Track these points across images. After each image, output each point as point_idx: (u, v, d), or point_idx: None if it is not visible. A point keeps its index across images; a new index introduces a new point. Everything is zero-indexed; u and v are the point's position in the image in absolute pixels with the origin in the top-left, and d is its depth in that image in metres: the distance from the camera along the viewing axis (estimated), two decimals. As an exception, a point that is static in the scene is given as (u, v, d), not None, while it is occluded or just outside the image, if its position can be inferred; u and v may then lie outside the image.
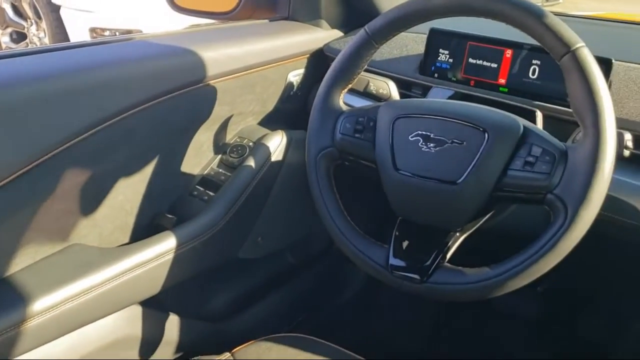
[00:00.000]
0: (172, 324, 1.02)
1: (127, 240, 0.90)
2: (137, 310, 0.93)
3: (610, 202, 0.67)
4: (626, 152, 0.71)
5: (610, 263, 0.96)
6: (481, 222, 0.76)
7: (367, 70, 0.89)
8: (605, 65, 0.79)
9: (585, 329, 1.32)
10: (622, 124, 0.75)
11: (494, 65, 0.89)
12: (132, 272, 0.83)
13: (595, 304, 1.33)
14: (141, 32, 2.98)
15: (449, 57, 0.94)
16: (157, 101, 0.82)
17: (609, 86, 0.81)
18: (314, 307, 1.39)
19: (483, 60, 0.90)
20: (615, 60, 0.82)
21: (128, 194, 0.88)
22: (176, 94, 0.85)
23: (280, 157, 1.03)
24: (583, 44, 0.63)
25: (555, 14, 0.66)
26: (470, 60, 0.91)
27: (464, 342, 1.42)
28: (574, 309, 1.35)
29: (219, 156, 1.02)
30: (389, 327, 1.48)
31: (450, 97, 0.92)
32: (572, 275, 1.09)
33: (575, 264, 0.71)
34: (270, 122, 1.09)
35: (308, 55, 1.10)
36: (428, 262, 0.72)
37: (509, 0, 0.66)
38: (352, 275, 1.46)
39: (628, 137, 0.71)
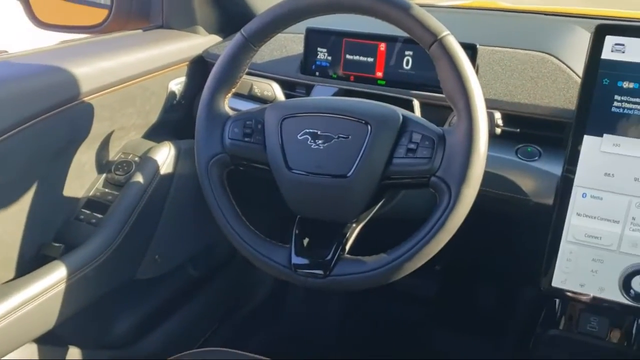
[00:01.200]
0: (74, 358, 0.96)
1: (12, 275, 0.84)
2: (32, 348, 0.87)
3: (489, 177, 0.73)
4: (497, 130, 0.77)
5: (497, 235, 1.03)
6: (375, 211, 0.79)
7: (249, 73, 0.89)
8: (471, 50, 0.85)
9: (482, 300, 1.42)
10: (491, 104, 0.81)
11: (370, 59, 0.93)
12: (21, 309, 0.77)
13: (489, 277, 1.42)
14: (6, 52, 2.78)
15: (328, 55, 0.96)
16: (29, 124, 0.77)
17: (476, 70, 0.87)
18: (224, 318, 1.37)
19: (360, 56, 0.93)
20: (480, 45, 0.88)
21: (8, 226, 0.82)
22: (49, 115, 0.80)
23: (170, 170, 1.00)
24: (448, 32, 0.67)
25: (426, 6, 0.70)
26: (348, 56, 0.94)
27: (373, 326, 1.47)
28: (471, 283, 1.44)
29: (104, 175, 0.98)
30: (301, 325, 1.49)
31: (334, 94, 0.94)
32: (466, 251, 1.15)
33: (467, 240, 0.75)
34: (156, 134, 1.06)
35: (188, 63, 1.08)
36: (329, 256, 0.73)
37: None
38: (260, 280, 1.46)
39: (498, 115, 0.76)
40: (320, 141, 0.73)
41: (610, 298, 0.76)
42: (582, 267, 0.76)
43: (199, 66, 1.09)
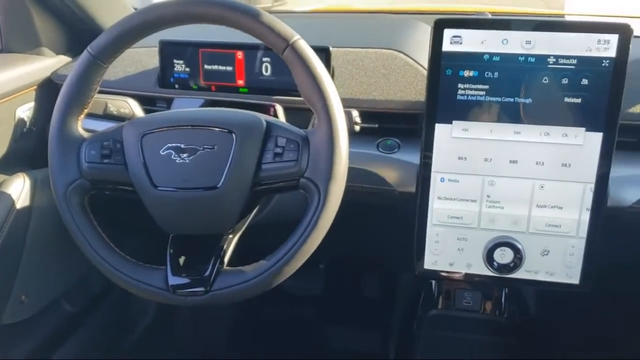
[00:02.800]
0: None
1: None
2: None
3: (354, 173, 0.75)
4: (357, 127, 0.80)
5: (371, 227, 1.07)
6: (250, 219, 0.79)
7: (103, 92, 0.85)
8: (324, 53, 0.87)
9: (366, 292, 1.47)
10: (349, 103, 0.84)
11: (229, 68, 0.92)
12: None
13: (370, 268, 1.48)
14: None
15: (186, 67, 0.94)
16: None
17: (332, 71, 0.90)
18: (108, 353, 1.29)
19: (218, 65, 0.93)
20: (334, 47, 0.91)
21: None
22: None
23: (26, 203, 0.93)
24: (299, 36, 0.69)
25: (279, 12, 0.71)
26: (207, 66, 0.93)
27: (266, 333, 1.46)
28: (354, 276, 1.48)
29: (-50, 217, 0.88)
30: (193, 347, 1.45)
31: (201, 106, 0.93)
32: (345, 246, 1.19)
33: (343, 235, 0.77)
34: (8, 165, 0.98)
35: (36, 87, 1.01)
36: (208, 272, 0.72)
37: (225, 5, 0.69)
38: (143, 307, 1.39)
39: (355, 114, 0.79)
40: (185, 155, 0.72)
41: (477, 272, 0.82)
42: (450, 247, 0.81)
43: (48, 89, 1.02)
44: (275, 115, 0.88)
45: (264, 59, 0.91)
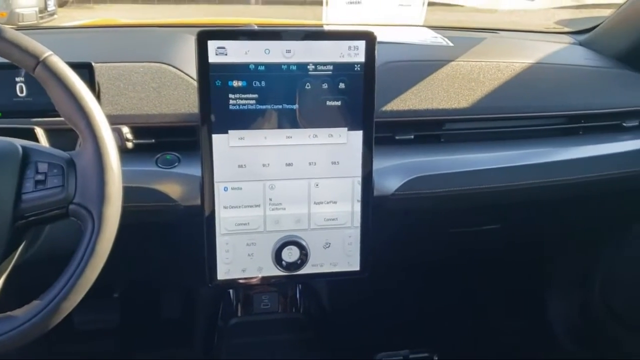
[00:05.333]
0: None
1: None
2: None
3: (133, 192, 0.72)
4: (129, 144, 0.76)
5: (162, 246, 1.03)
6: (17, 257, 0.71)
7: None
8: (87, 69, 0.82)
9: (167, 313, 1.42)
10: (119, 120, 0.80)
11: None
12: None
13: (167, 287, 1.43)
14: None
15: None
16: None
17: (97, 87, 0.85)
18: None
19: None
20: (99, 62, 0.86)
21: None
22: None
23: None
24: (50, 52, 0.64)
25: (48, 28, 0.64)
26: None
27: None
28: (152, 300, 1.42)
29: None
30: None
31: None
32: (138, 269, 1.13)
33: (132, 259, 0.73)
34: None
35: None
36: None
37: None
38: None
39: (126, 130, 0.76)
40: None
41: (269, 274, 0.84)
42: (240, 254, 0.82)
43: None
44: (36, 140, 0.80)
45: (17, 79, 0.82)
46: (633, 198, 1.19)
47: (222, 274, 0.83)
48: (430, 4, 1.22)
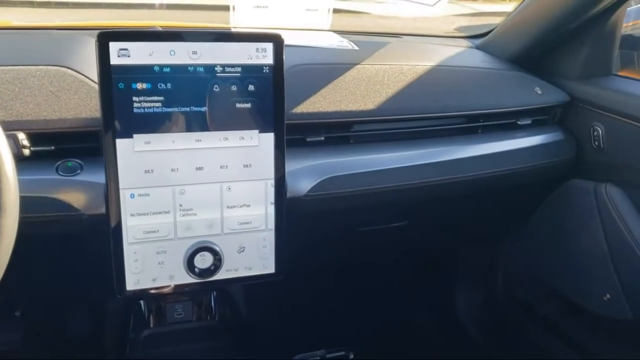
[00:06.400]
0: None
1: None
2: None
3: (31, 202, 0.68)
4: (26, 152, 0.72)
5: (67, 258, 0.98)
6: None
7: None
8: None
9: (74, 327, 1.34)
10: (14, 126, 0.75)
11: None
12: None
13: (80, 301, 1.36)
14: None
15: None
16: None
17: None
18: None
19: None
20: None
21: None
22: None
23: None
24: None
25: None
26: None
27: None
28: (58, 313, 1.34)
29: None
30: None
31: None
32: (44, 285, 1.07)
33: (33, 274, 0.69)
34: None
35: None
36: None
37: None
38: None
39: (22, 136, 0.71)
40: None
41: (182, 282, 0.82)
42: (150, 263, 0.80)
43: None
44: None
45: None
46: (528, 192, 1.27)
47: (131, 285, 0.80)
48: (337, 10, 1.24)
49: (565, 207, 1.24)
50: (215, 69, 0.75)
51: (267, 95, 0.78)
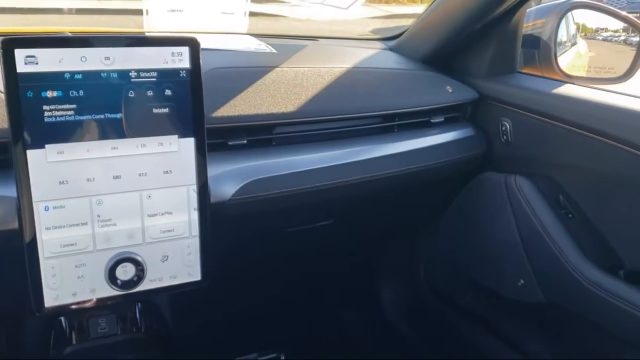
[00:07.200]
0: None
1: None
2: None
3: None
4: None
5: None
6: None
7: None
8: None
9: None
10: None
11: None
12: None
13: None
14: None
15: None
16: None
17: None
18: None
19: None
20: None
21: None
22: None
23: None
24: None
25: None
26: None
27: None
28: None
29: None
30: None
31: None
32: None
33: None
34: None
35: None
36: None
37: None
38: None
39: None
40: None
41: (104, 295, 0.80)
42: (69, 277, 0.77)
43: None
44: None
45: None
46: (444, 186, 1.33)
47: (50, 301, 0.77)
48: (254, 14, 1.25)
49: (478, 199, 1.31)
50: (130, 74, 0.74)
51: (185, 100, 0.77)
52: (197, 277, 0.85)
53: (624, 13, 1.32)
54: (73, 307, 0.78)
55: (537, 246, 1.17)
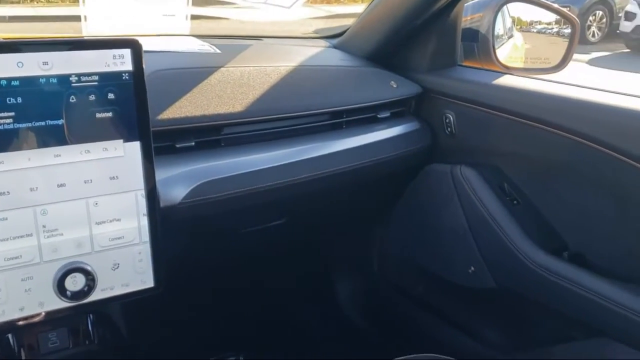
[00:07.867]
0: None
1: None
2: None
3: None
4: None
5: None
6: None
7: None
8: None
9: None
10: None
11: None
12: None
13: None
14: None
15: None
16: None
17: None
18: None
19: None
20: None
21: None
22: None
23: None
24: None
25: None
26: None
27: None
28: None
29: None
30: None
31: None
32: None
33: None
34: None
35: None
36: None
37: None
38: None
39: None
40: None
41: (53, 308, 0.77)
42: (15, 291, 0.74)
43: None
44: None
45: None
46: (393, 179, 1.35)
47: (-7, 317, 0.74)
48: (196, 16, 1.23)
49: (426, 191, 1.34)
50: (70, 79, 0.72)
51: (129, 103, 0.76)
52: (150, 283, 0.83)
53: (555, 6, 1.38)
54: (20, 322, 0.76)
55: (485, 233, 1.20)
